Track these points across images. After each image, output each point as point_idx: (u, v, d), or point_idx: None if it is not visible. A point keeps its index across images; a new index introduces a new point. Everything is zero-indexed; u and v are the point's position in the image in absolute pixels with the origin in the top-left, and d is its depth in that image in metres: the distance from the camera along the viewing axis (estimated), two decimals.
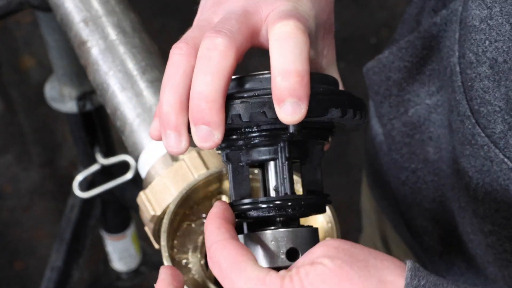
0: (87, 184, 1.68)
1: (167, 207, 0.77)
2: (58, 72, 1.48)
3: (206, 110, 0.58)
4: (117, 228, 1.92)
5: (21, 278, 2.21)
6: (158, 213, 0.78)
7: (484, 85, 0.70)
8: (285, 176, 0.62)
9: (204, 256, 0.75)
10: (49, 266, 1.81)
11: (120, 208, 1.85)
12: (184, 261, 0.75)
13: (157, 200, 0.79)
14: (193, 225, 0.77)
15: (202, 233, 0.77)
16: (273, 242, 0.61)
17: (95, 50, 0.92)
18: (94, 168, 1.64)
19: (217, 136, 0.59)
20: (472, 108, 0.72)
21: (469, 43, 0.71)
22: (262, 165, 0.64)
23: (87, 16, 0.94)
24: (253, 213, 0.62)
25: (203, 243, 0.76)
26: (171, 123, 0.60)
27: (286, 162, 0.62)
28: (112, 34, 0.92)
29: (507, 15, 0.66)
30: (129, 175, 1.59)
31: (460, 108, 0.74)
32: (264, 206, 0.62)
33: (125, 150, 1.15)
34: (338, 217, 0.76)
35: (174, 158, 0.82)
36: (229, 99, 0.60)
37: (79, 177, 1.63)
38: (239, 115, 0.59)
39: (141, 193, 0.81)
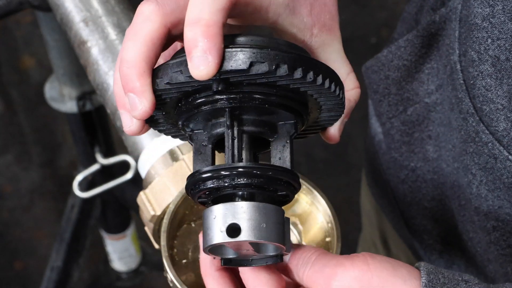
0: (87, 184, 1.68)
1: (167, 207, 0.77)
2: (58, 72, 1.48)
3: (129, 76, 0.56)
4: (117, 228, 1.92)
5: (21, 278, 2.21)
6: (158, 213, 0.78)
7: (487, 83, 0.70)
8: (229, 147, 0.58)
9: None
10: (49, 266, 1.80)
11: (120, 208, 1.85)
12: (184, 261, 0.75)
13: (157, 200, 0.79)
14: (193, 225, 0.77)
15: None
16: (215, 218, 0.58)
17: (95, 50, 0.92)
18: (94, 168, 1.65)
19: (144, 103, 0.56)
20: (475, 106, 0.72)
21: (471, 41, 0.71)
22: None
23: (87, 16, 0.94)
24: (200, 186, 0.59)
25: None
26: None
27: (230, 130, 0.59)
28: (112, 34, 0.92)
29: (510, 13, 0.66)
30: (129, 175, 1.59)
31: (462, 106, 0.74)
32: (202, 176, 0.58)
33: (125, 150, 1.15)
34: (338, 217, 0.76)
35: (174, 158, 0.82)
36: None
37: (79, 177, 1.63)
38: (161, 79, 0.56)
39: (141, 193, 0.81)
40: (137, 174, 1.58)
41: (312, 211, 0.77)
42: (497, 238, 0.76)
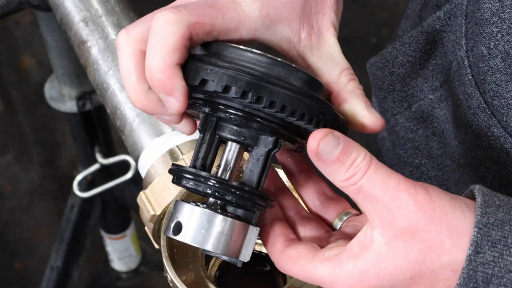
0: (87, 184, 1.68)
1: (167, 207, 0.77)
2: (58, 72, 1.48)
3: (162, 81, 0.58)
4: (117, 228, 1.92)
5: (21, 278, 2.21)
6: (158, 213, 0.78)
7: (497, 78, 0.70)
8: (195, 149, 0.61)
9: (204, 256, 0.75)
10: (49, 266, 1.81)
11: (120, 208, 1.85)
12: (184, 261, 0.75)
13: (157, 200, 0.79)
14: None
15: None
16: (172, 213, 0.62)
17: (95, 49, 0.92)
18: (94, 168, 1.64)
19: (180, 101, 0.59)
20: (486, 101, 0.72)
21: (481, 37, 0.71)
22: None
23: (87, 15, 0.94)
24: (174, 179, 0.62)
25: None
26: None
27: (201, 134, 0.61)
28: (112, 33, 0.92)
29: None
30: (129, 175, 1.59)
31: (472, 101, 0.74)
32: (172, 167, 0.62)
33: (125, 150, 1.15)
34: None
35: (174, 158, 0.82)
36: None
37: (79, 177, 1.63)
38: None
39: (141, 193, 0.80)
40: (137, 174, 1.58)
41: None
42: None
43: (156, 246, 0.80)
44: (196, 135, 0.65)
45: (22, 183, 2.39)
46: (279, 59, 0.60)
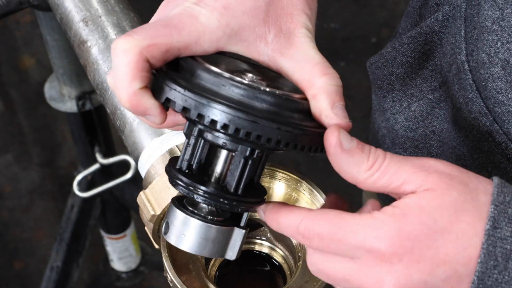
0: (87, 184, 1.68)
1: (167, 207, 0.77)
2: (58, 71, 1.48)
3: (136, 108, 0.61)
4: (117, 228, 1.92)
5: (21, 278, 2.21)
6: (158, 213, 0.78)
7: (497, 85, 0.70)
8: (184, 152, 0.63)
9: (204, 256, 0.75)
10: (48, 266, 1.81)
11: (120, 208, 1.85)
12: (184, 261, 0.75)
13: (157, 200, 0.79)
14: None
15: None
16: (167, 211, 0.66)
17: (94, 49, 0.92)
18: (94, 168, 1.65)
19: (159, 118, 0.62)
20: (488, 107, 0.72)
21: (481, 44, 0.71)
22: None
23: (87, 15, 0.94)
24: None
25: None
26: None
27: (186, 138, 0.63)
28: (112, 33, 0.92)
29: None
30: (129, 175, 1.59)
31: (473, 106, 0.74)
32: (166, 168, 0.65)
33: (125, 150, 1.15)
34: None
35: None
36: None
37: (79, 177, 1.63)
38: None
39: (141, 193, 0.80)
40: (137, 174, 1.58)
41: None
42: None
43: (156, 246, 0.80)
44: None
45: (22, 183, 2.39)
46: (239, 80, 0.60)
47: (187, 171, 0.63)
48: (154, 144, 0.84)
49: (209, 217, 0.64)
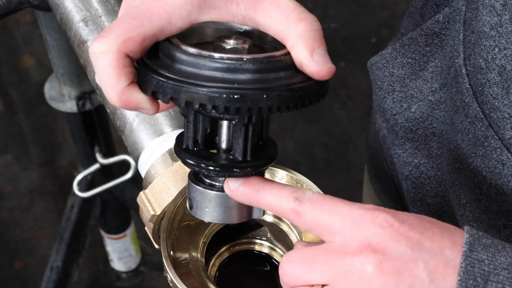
0: (87, 184, 1.68)
1: (167, 207, 0.77)
2: (58, 71, 1.48)
3: (128, 106, 0.62)
4: (117, 228, 1.92)
5: (21, 278, 2.21)
6: (158, 213, 0.78)
7: (494, 91, 0.70)
8: (187, 130, 0.64)
9: (204, 256, 0.75)
10: (48, 266, 1.80)
11: (120, 208, 1.85)
12: (184, 261, 0.75)
13: (157, 200, 0.79)
14: (193, 225, 0.77)
15: (202, 232, 0.76)
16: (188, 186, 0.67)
17: None
18: (94, 168, 1.65)
19: (152, 110, 0.62)
20: (484, 112, 0.72)
21: (479, 49, 0.71)
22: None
23: (87, 15, 0.94)
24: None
25: (203, 243, 0.76)
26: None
27: (186, 118, 0.64)
28: None
29: None
30: (128, 175, 1.59)
31: (469, 110, 0.74)
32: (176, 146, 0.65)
33: (125, 150, 1.15)
34: None
35: (174, 157, 0.82)
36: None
37: (79, 177, 1.63)
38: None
39: (141, 193, 0.80)
40: (137, 174, 1.58)
41: None
42: (507, 236, 0.77)
43: (156, 246, 0.80)
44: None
45: (22, 183, 2.39)
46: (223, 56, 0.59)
47: (194, 148, 0.64)
48: (154, 144, 0.84)
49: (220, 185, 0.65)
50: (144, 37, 0.61)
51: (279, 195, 0.62)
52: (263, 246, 0.79)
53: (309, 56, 0.60)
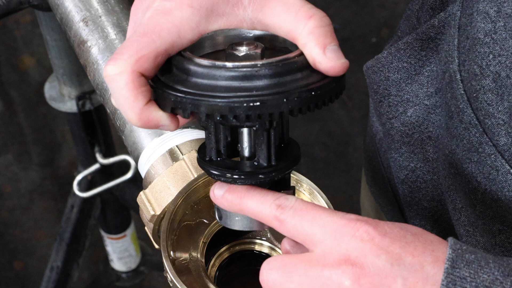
0: (87, 184, 1.68)
1: (167, 207, 0.77)
2: (58, 71, 1.48)
3: (148, 124, 0.62)
4: (117, 228, 1.92)
5: (21, 278, 2.21)
6: (158, 213, 0.78)
7: (488, 97, 0.70)
8: (209, 142, 0.64)
9: (204, 256, 0.75)
10: (48, 266, 1.80)
11: (120, 208, 1.85)
12: (184, 261, 0.75)
13: (157, 200, 0.79)
14: (193, 225, 0.77)
15: (202, 232, 0.76)
16: None
17: (94, 49, 0.92)
18: (94, 168, 1.65)
19: (172, 128, 0.62)
20: (478, 118, 0.72)
21: (473, 55, 0.71)
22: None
23: (87, 15, 0.94)
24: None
25: (203, 243, 0.76)
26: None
27: (206, 129, 0.64)
28: (112, 33, 0.92)
29: (511, 31, 0.66)
30: (128, 175, 1.59)
31: (464, 116, 0.74)
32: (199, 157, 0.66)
33: (125, 150, 1.15)
34: None
35: (174, 158, 0.82)
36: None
37: (79, 177, 1.63)
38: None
39: (141, 193, 0.80)
40: (137, 174, 1.58)
41: None
42: (502, 241, 0.77)
43: (156, 246, 0.80)
44: (195, 134, 0.66)
45: (22, 183, 2.39)
46: (236, 65, 0.59)
47: (218, 158, 0.64)
48: (154, 144, 0.84)
49: None
50: (157, 54, 0.60)
51: (262, 202, 0.62)
52: (263, 246, 0.79)
53: (322, 53, 0.59)
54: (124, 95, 0.60)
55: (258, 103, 0.57)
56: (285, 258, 0.60)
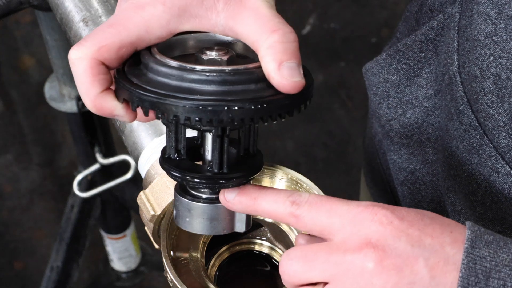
0: (87, 184, 1.68)
1: (167, 207, 0.77)
2: (58, 71, 1.48)
3: (102, 112, 0.62)
4: (117, 228, 1.92)
5: (21, 278, 2.21)
6: (158, 213, 0.78)
7: (488, 99, 0.70)
8: (168, 140, 0.64)
9: (204, 256, 0.75)
10: (48, 266, 1.80)
11: (120, 208, 1.85)
12: (184, 261, 0.75)
13: (157, 200, 0.79)
14: None
15: None
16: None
17: None
18: (94, 168, 1.65)
19: (128, 118, 0.63)
20: (478, 120, 0.72)
21: (474, 57, 0.71)
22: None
23: (87, 15, 0.94)
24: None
25: (203, 243, 0.76)
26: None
27: (169, 128, 0.64)
28: None
29: None
30: (128, 175, 1.59)
31: (464, 118, 0.74)
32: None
33: (125, 150, 1.15)
34: None
35: None
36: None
37: (79, 177, 1.63)
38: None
39: (141, 193, 0.80)
40: (137, 174, 1.58)
41: None
42: None
43: (156, 246, 0.80)
44: (194, 133, 0.66)
45: (22, 183, 2.39)
46: (188, 67, 0.59)
47: (176, 157, 0.64)
48: (154, 144, 0.84)
49: (208, 197, 0.64)
50: (120, 45, 0.61)
51: (276, 201, 0.62)
52: (263, 246, 0.79)
53: (276, 68, 0.58)
54: (81, 80, 0.61)
55: (199, 107, 0.57)
56: (305, 248, 0.61)
